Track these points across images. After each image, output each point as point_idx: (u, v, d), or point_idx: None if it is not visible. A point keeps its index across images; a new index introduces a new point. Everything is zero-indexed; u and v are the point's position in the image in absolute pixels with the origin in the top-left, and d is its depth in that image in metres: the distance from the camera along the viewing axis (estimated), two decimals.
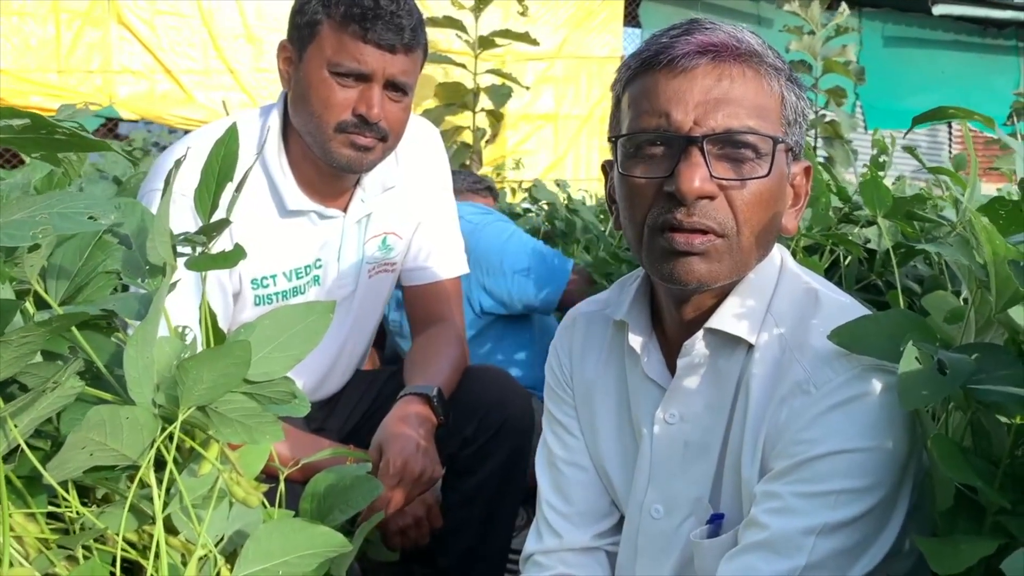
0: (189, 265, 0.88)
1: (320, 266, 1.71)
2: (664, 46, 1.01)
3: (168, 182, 0.85)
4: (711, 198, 0.99)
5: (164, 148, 2.54)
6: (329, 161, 1.59)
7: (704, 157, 0.98)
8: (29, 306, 0.80)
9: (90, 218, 0.61)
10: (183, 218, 1.46)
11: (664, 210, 1.00)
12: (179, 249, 0.89)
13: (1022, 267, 0.77)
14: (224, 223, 0.86)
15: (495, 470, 1.73)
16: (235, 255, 0.87)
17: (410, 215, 1.82)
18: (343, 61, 1.53)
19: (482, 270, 2.45)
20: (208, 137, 1.55)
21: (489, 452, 1.72)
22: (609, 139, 1.09)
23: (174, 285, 0.87)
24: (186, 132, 5.76)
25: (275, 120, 1.64)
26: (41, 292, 0.80)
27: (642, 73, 1.03)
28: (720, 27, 1.03)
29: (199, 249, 0.86)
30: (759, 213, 1.01)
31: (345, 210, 1.70)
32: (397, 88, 1.57)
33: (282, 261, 1.67)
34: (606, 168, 1.14)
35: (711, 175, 0.98)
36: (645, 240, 1.04)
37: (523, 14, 4.23)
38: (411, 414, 1.58)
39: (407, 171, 1.78)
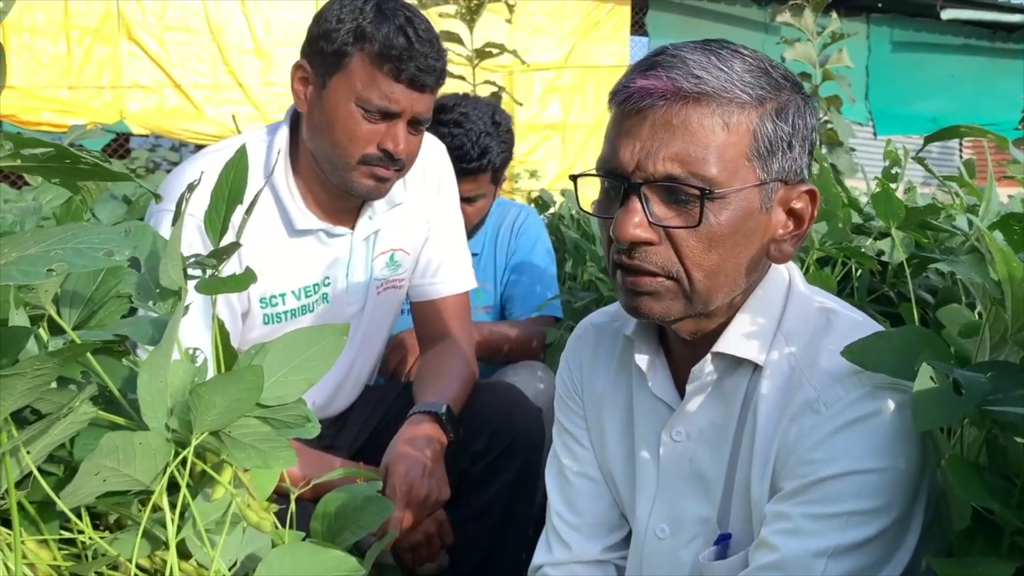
0: (200, 288, 0.88)
1: (328, 284, 1.72)
2: (625, 82, 1.00)
3: (180, 208, 0.85)
4: (650, 244, 0.98)
5: (174, 164, 2.55)
6: (347, 189, 1.60)
7: (642, 203, 0.97)
8: (43, 332, 0.80)
9: (106, 254, 0.61)
10: (191, 238, 1.46)
11: (615, 248, 1.01)
12: (189, 272, 0.89)
13: None
14: (234, 246, 0.86)
15: (506, 485, 1.72)
16: (246, 279, 0.87)
17: (417, 231, 1.82)
18: (373, 98, 1.53)
19: (509, 250, 2.48)
20: (217, 158, 1.56)
21: (500, 467, 1.72)
22: (571, 177, 1.10)
23: (186, 308, 0.87)
24: (197, 147, 5.79)
25: (282, 139, 1.64)
26: (56, 317, 0.80)
27: (611, 104, 1.03)
28: (683, 62, 0.97)
29: (209, 272, 0.86)
30: (712, 257, 0.98)
31: (353, 228, 1.71)
32: (419, 123, 1.60)
33: (291, 280, 1.67)
34: None
35: (649, 221, 0.97)
36: (610, 272, 1.05)
37: (509, 21, 4.27)
38: (419, 434, 1.58)
39: (414, 187, 1.78)
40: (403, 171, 1.62)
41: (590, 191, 1.15)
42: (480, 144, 2.22)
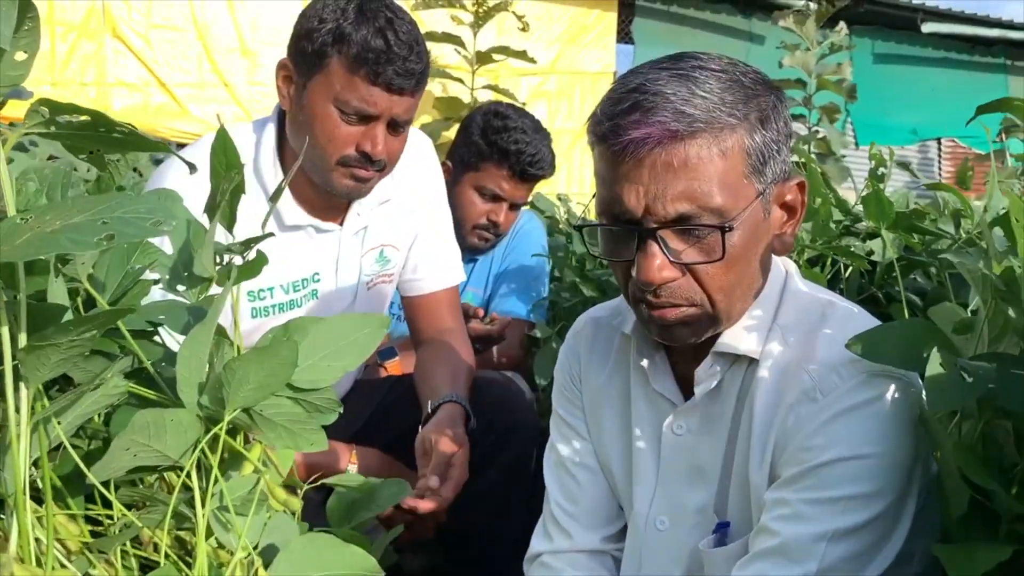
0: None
1: (318, 280, 1.73)
2: (612, 128, 0.99)
3: (215, 195, 0.86)
4: (675, 280, 1.01)
5: (159, 162, 2.54)
6: (328, 189, 1.61)
7: (660, 246, 0.99)
8: (79, 308, 0.81)
9: (152, 223, 0.61)
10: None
11: (636, 287, 1.03)
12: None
13: None
14: (266, 235, 0.86)
15: (501, 473, 1.74)
16: (258, 264, 0.88)
17: (406, 226, 1.84)
18: (351, 100, 1.53)
19: (504, 253, 2.51)
20: (207, 150, 1.57)
21: (495, 455, 1.73)
22: (575, 227, 1.13)
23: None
24: (180, 146, 5.76)
25: (270, 135, 1.65)
26: (91, 291, 0.81)
27: (598, 144, 1.03)
28: (665, 99, 0.97)
29: (240, 258, 0.87)
30: (730, 278, 1.03)
31: (341, 224, 1.72)
32: (399, 125, 1.60)
33: (280, 274, 1.67)
34: None
35: (671, 261, 1.00)
36: (632, 303, 1.08)
37: (523, 30, 4.25)
38: (457, 422, 1.62)
39: (402, 183, 1.79)
40: (385, 171, 1.63)
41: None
42: (551, 154, 2.31)
